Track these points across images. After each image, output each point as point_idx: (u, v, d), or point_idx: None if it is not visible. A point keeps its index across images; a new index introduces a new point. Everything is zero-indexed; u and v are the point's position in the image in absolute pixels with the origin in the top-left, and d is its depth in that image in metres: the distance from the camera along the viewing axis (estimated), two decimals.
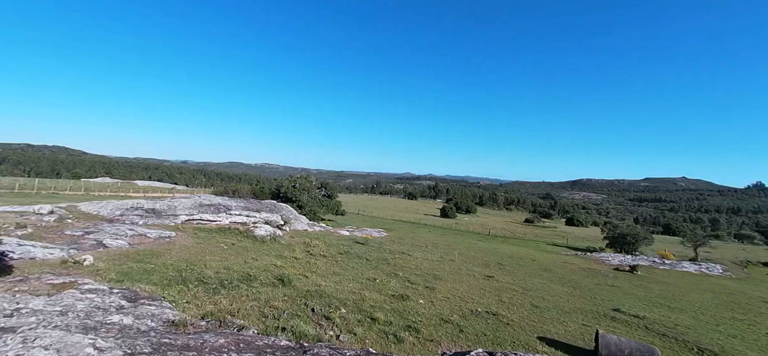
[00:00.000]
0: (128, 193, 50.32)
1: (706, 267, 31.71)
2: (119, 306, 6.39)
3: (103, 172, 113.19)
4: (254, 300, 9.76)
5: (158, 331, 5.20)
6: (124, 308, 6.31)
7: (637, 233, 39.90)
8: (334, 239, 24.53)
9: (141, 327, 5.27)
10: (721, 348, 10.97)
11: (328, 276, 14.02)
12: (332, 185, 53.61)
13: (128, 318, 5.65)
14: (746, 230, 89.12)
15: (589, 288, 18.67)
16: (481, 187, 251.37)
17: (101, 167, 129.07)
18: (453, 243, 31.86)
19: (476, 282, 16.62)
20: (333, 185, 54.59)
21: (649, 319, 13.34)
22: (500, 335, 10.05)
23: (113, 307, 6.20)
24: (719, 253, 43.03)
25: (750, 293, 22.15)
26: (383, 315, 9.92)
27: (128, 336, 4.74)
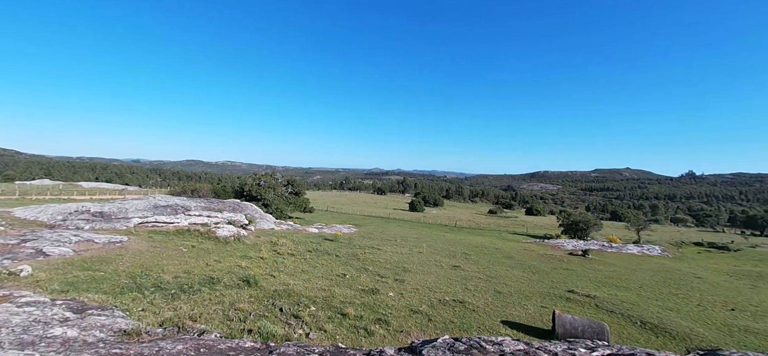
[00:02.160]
0: (72, 196, 45.84)
1: (647, 248, 35.05)
2: (63, 318, 5.84)
3: (41, 174, 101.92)
4: (218, 303, 9.36)
5: (108, 342, 4.83)
6: (68, 320, 5.78)
7: (588, 220, 43.13)
8: (302, 237, 24.08)
9: (88, 339, 4.87)
10: (660, 319, 12.21)
11: (296, 275, 13.75)
12: (299, 182, 52.42)
13: (73, 330, 5.19)
14: (680, 215, 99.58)
15: (546, 272, 19.93)
16: (447, 181, 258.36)
17: (39, 168, 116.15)
18: (421, 236, 32.51)
19: (444, 273, 17.12)
20: (300, 182, 53.39)
21: (599, 298, 14.53)
22: (467, 321, 10.46)
23: (56, 320, 5.66)
24: (658, 235, 47.74)
25: (683, 270, 24.84)
26: (354, 310, 9.94)
27: (72, 349, 4.36)
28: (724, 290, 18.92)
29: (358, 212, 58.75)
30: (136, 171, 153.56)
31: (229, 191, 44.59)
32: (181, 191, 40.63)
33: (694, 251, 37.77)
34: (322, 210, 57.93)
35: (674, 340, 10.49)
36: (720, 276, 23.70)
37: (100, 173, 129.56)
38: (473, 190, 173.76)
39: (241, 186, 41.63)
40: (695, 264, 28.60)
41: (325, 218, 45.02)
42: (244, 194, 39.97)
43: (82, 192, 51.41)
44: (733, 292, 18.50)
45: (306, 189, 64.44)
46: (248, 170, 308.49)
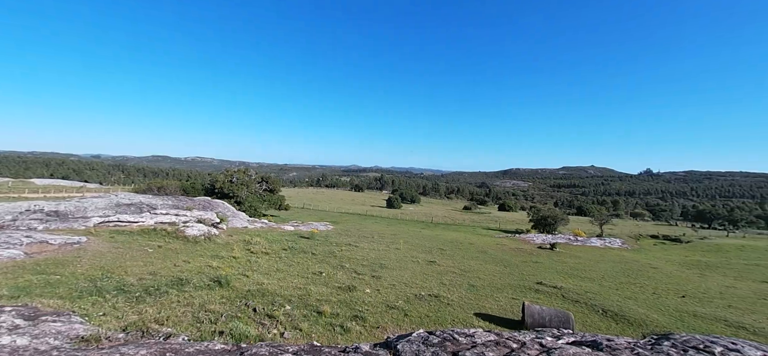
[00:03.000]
0: (23, 193, 42.27)
1: (608, 241, 37.26)
2: (12, 325, 5.41)
3: None
4: (187, 305, 9.01)
5: (63, 349, 4.54)
6: (19, 328, 5.35)
7: (555, 215, 45.21)
8: (277, 235, 23.59)
9: (40, 347, 4.54)
10: (620, 307, 13.06)
11: (271, 274, 13.47)
12: (274, 179, 51.18)
13: (23, 338, 4.82)
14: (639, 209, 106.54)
15: (517, 265, 20.73)
16: (424, 178, 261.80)
17: None
18: (398, 232, 32.77)
19: (420, 268, 17.38)
20: (275, 179, 52.15)
21: (565, 288, 15.30)
22: (441, 315, 10.70)
23: (4, 328, 5.23)
24: (619, 229, 50.83)
25: (641, 260, 26.64)
26: (330, 308, 9.89)
27: None
28: (677, 279, 20.50)
29: (335, 210, 58.28)
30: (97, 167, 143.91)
31: (199, 189, 42.81)
32: (147, 189, 38.54)
33: (650, 243, 40.55)
34: (299, 208, 56.99)
35: (632, 326, 11.26)
36: (673, 265, 25.64)
37: (56, 169, 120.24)
38: (449, 187, 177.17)
39: (213, 183, 40.09)
40: (651, 256, 30.76)
41: (301, 216, 44.32)
42: (216, 191, 38.54)
43: (35, 190, 47.55)
44: (684, 281, 20.09)
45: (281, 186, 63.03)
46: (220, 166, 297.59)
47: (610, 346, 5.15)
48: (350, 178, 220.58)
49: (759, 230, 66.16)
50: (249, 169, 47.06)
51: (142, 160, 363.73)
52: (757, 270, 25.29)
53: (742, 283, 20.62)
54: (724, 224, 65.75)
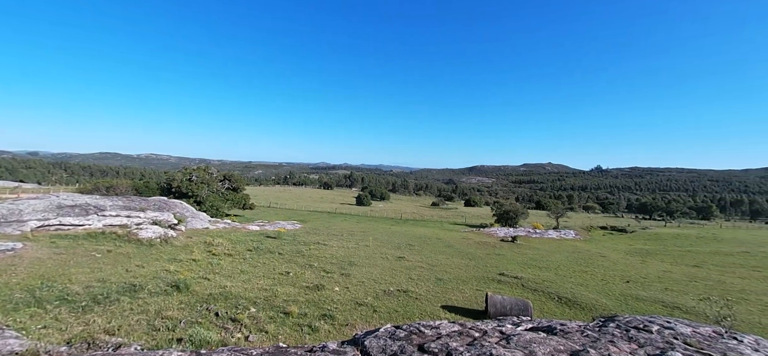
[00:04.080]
0: None
1: (564, 233, 39.91)
2: None
3: None
4: (141, 312, 8.45)
5: None
6: None
7: (517, 209, 47.65)
8: (241, 236, 22.71)
9: None
10: (573, 294, 14.06)
11: (234, 276, 12.97)
12: (238, 177, 49.12)
13: None
14: (590, 203, 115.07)
15: (481, 258, 21.61)
16: (394, 175, 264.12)
17: None
18: (368, 230, 32.83)
19: (389, 264, 17.57)
20: (239, 177, 50.07)
21: (524, 278, 16.20)
22: (410, 309, 10.91)
23: None
24: (573, 222, 54.58)
25: (592, 250, 28.81)
26: (297, 308, 9.72)
27: None
28: (622, 266, 22.43)
29: (303, 208, 57.15)
30: (34, 166, 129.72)
31: (154, 188, 40.06)
32: (94, 189, 35.41)
33: (600, 234, 43.97)
34: (264, 206, 55.19)
35: (583, 311, 12.18)
36: (619, 254, 28.02)
37: None
38: (418, 184, 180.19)
39: (169, 182, 37.67)
40: (601, 245, 33.38)
41: (267, 215, 42.97)
42: (173, 190, 36.27)
43: None
44: (628, 267, 22.04)
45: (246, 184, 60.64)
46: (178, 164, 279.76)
47: (563, 330, 5.54)
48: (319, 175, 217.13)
49: (691, 220, 74.04)
50: (210, 167, 44.78)
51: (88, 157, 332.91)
52: (689, 256, 28.35)
53: (676, 268, 23.02)
54: (663, 215, 72.81)
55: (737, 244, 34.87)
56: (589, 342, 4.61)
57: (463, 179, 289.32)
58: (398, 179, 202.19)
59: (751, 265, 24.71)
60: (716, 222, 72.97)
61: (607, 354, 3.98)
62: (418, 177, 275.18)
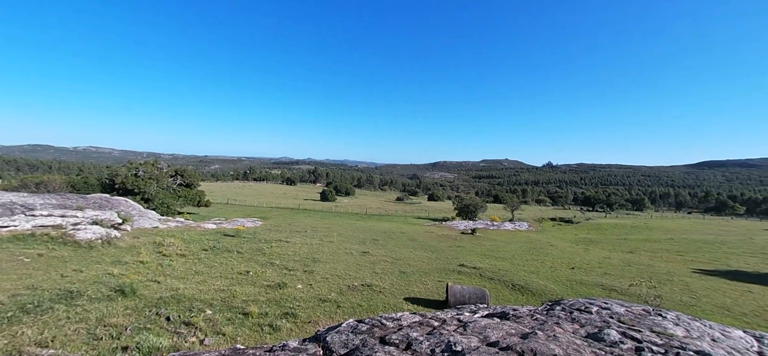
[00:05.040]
0: None
1: (518, 225, 42.45)
2: None
3: None
4: (80, 321, 7.71)
5: None
6: None
7: (476, 203, 49.84)
8: (195, 235, 21.44)
9: None
10: (525, 281, 15.05)
11: (188, 277, 12.24)
12: (192, 172, 46.12)
13: None
14: (542, 197, 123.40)
15: (443, 250, 22.36)
16: (359, 170, 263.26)
17: None
18: (332, 225, 32.50)
19: (353, 259, 17.57)
20: (193, 172, 47.03)
21: (482, 268, 17.04)
22: (373, 303, 11.03)
23: None
24: (526, 214, 58.21)
25: (542, 240, 30.95)
26: (258, 308, 9.42)
27: None
28: (568, 253, 24.36)
29: (264, 204, 55.13)
30: None
31: (94, 184, 36.41)
32: (21, 185, 31.41)
33: (550, 225, 47.35)
34: (222, 203, 52.46)
35: (534, 296, 13.10)
36: (566, 243, 30.39)
37: None
38: (383, 179, 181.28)
39: (112, 178, 34.43)
40: (550, 235, 35.97)
41: (225, 212, 40.90)
42: (116, 187, 33.21)
43: None
44: (574, 255, 23.99)
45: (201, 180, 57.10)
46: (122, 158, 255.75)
47: (515, 315, 5.93)
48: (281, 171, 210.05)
49: (627, 211, 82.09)
50: (159, 161, 41.58)
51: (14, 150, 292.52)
52: (625, 243, 31.51)
53: (614, 254, 25.50)
54: (604, 207, 79.99)
55: (664, 232, 39.36)
56: (538, 325, 4.98)
57: (427, 175, 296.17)
58: (363, 174, 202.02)
59: (675, 250, 28.08)
60: (648, 213, 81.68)
61: (552, 335, 4.33)
62: (384, 172, 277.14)
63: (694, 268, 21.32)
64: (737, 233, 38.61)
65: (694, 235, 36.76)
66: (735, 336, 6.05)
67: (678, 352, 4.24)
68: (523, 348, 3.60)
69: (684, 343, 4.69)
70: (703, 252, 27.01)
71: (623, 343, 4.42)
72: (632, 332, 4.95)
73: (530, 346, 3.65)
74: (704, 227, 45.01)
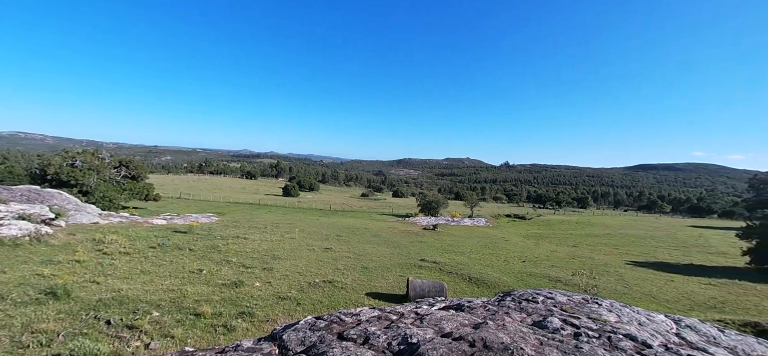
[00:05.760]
0: None
1: (477, 221, 44.41)
2: None
3: None
4: (1, 328, 6.85)
5: None
6: None
7: (438, 200, 51.35)
8: (142, 231, 19.86)
9: None
10: (481, 274, 15.81)
11: (132, 277, 11.32)
12: (139, 163, 42.56)
13: None
14: (499, 194, 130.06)
15: (405, 245, 22.79)
16: (324, 165, 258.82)
17: None
18: (294, 221, 31.73)
19: (315, 256, 17.32)
20: (140, 163, 43.43)
21: (442, 263, 17.63)
22: (335, 299, 10.97)
23: None
24: (484, 211, 61.03)
25: (498, 235, 32.66)
26: (211, 308, 8.97)
27: None
28: (521, 247, 25.96)
29: (221, 199, 52.37)
30: None
31: (21, 175, 32.29)
32: None
33: (505, 221, 50.08)
34: (174, 198, 49.02)
35: (489, 288, 13.82)
36: (519, 237, 32.34)
37: None
38: (348, 175, 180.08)
39: (44, 167, 30.76)
40: (505, 231, 38.07)
41: (177, 207, 38.26)
42: (49, 178, 29.74)
43: None
44: (525, 249, 25.61)
45: (150, 172, 52.86)
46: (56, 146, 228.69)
47: (470, 306, 6.22)
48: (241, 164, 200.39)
49: (573, 209, 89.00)
50: (101, 150, 37.89)
51: None
52: (570, 238, 34.21)
53: (561, 248, 27.61)
54: (553, 205, 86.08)
55: (604, 228, 43.30)
56: (489, 315, 5.28)
57: (392, 171, 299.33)
58: (328, 169, 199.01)
59: (612, 244, 31.03)
60: (590, 210, 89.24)
61: (502, 324, 4.61)
62: (349, 168, 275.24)
63: (627, 260, 23.74)
64: (664, 229, 43.56)
65: (629, 230, 40.87)
66: (658, 320, 6.83)
67: (610, 336, 4.71)
68: (474, 338, 3.80)
69: (615, 328, 5.22)
70: (635, 246, 30.15)
71: (564, 329, 4.82)
72: (572, 319, 5.41)
73: (481, 335, 3.86)
74: (637, 224, 50.19)
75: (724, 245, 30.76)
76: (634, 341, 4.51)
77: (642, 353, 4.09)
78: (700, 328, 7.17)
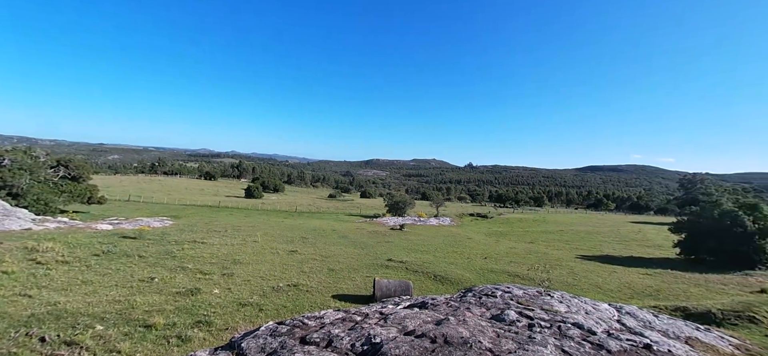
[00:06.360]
0: None
1: (442, 220, 45.60)
2: None
3: None
4: None
5: None
6: None
7: (405, 200, 52.09)
8: (83, 238, 18.10)
9: None
10: (446, 272, 16.24)
11: (72, 288, 10.28)
12: (80, 162, 38.69)
13: None
14: (463, 194, 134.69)
15: (372, 246, 22.83)
16: (290, 166, 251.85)
17: None
18: (258, 224, 30.56)
19: (279, 259, 16.81)
20: (82, 162, 39.50)
21: (408, 262, 17.88)
22: (299, 303, 10.72)
23: None
24: (449, 210, 62.78)
25: (462, 234, 33.75)
26: (164, 319, 8.39)
27: None
28: (482, 245, 27.03)
29: (177, 201, 49.12)
30: None
31: None
32: None
33: (469, 220, 51.89)
34: (122, 201, 45.20)
35: (453, 285, 14.24)
36: (481, 235, 33.65)
37: None
38: (315, 175, 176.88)
39: None
40: (468, 229, 39.46)
41: (125, 211, 35.31)
42: None
43: None
44: (487, 246, 26.70)
45: (93, 172, 48.28)
46: None
47: (433, 304, 6.37)
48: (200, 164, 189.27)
49: (530, 208, 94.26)
50: (34, 148, 33.99)
51: None
52: (528, 235, 36.21)
53: (519, 244, 29.13)
54: (513, 204, 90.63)
55: (557, 225, 46.32)
56: (451, 311, 5.44)
57: (360, 172, 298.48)
58: (295, 170, 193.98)
59: (565, 240, 33.29)
60: (546, 209, 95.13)
61: (462, 319, 4.78)
62: (316, 168, 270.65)
63: (577, 254, 25.60)
64: (609, 225, 47.51)
65: (579, 227, 44.09)
66: (602, 308, 7.42)
67: (560, 325, 5.04)
68: (435, 334, 3.90)
69: (565, 317, 5.59)
70: (584, 241, 32.59)
71: (519, 321, 5.08)
72: (527, 311, 5.72)
73: (442, 331, 3.97)
74: (586, 221, 54.30)
75: (659, 238, 34.20)
76: (581, 329, 4.87)
77: (588, 339, 4.43)
78: (638, 314, 7.89)
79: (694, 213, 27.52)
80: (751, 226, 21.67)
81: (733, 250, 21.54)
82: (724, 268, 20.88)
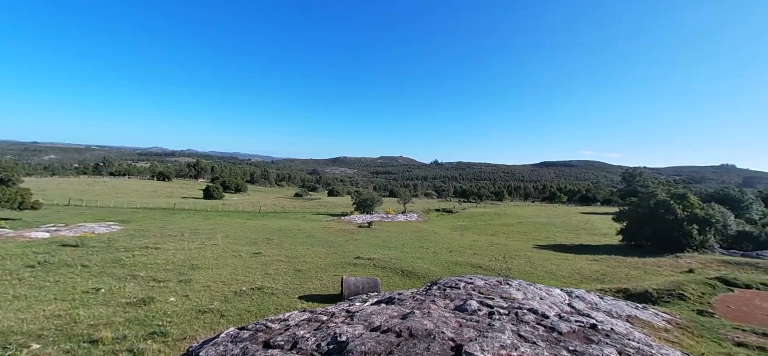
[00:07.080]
0: None
1: (409, 216, 46.30)
2: None
3: None
4: None
5: None
6: None
7: (373, 197, 52.19)
8: (14, 248, 16.18)
9: None
10: (413, 267, 16.53)
11: (1, 305, 9.16)
12: (9, 163, 34.40)
13: None
14: (429, 190, 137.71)
15: (340, 244, 22.65)
16: (253, 164, 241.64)
17: None
18: (218, 226, 29.08)
19: (242, 262, 16.14)
20: (11, 163, 35.15)
21: (376, 259, 17.97)
22: (264, 306, 10.38)
23: None
24: (416, 206, 63.90)
25: (428, 229, 34.49)
26: (112, 332, 7.74)
27: None
28: (448, 239, 27.82)
29: (126, 205, 45.32)
30: None
31: None
32: None
33: (435, 215, 53.14)
34: (61, 205, 40.83)
35: (420, 279, 14.54)
36: (446, 230, 34.62)
37: None
38: (280, 174, 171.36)
39: None
40: (435, 224, 40.43)
41: (64, 217, 31.94)
42: None
43: None
44: (452, 240, 27.52)
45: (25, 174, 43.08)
46: None
47: (399, 299, 6.46)
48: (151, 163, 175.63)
49: (492, 202, 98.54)
50: None
51: None
52: (490, 228, 37.84)
53: (482, 237, 30.36)
54: (476, 199, 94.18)
55: (516, 218, 48.88)
56: (417, 305, 5.55)
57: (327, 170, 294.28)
58: (258, 168, 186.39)
59: (523, 231, 35.22)
60: (505, 202, 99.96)
61: (427, 312, 4.89)
62: (281, 167, 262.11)
63: (534, 244, 27.20)
64: (561, 217, 50.96)
65: (535, 219, 46.87)
66: (555, 293, 7.94)
67: (517, 311, 5.33)
68: (401, 328, 3.96)
69: (522, 304, 5.92)
70: (539, 232, 34.70)
71: (480, 310, 5.31)
72: (487, 300, 5.98)
73: (407, 325, 4.05)
74: (541, 213, 57.84)
75: (604, 227, 37.32)
76: (535, 314, 5.19)
77: (541, 323, 4.73)
78: (586, 297, 8.54)
79: (634, 204, 30.35)
80: (680, 213, 24.32)
81: (666, 235, 24.05)
82: (659, 252, 23.25)
